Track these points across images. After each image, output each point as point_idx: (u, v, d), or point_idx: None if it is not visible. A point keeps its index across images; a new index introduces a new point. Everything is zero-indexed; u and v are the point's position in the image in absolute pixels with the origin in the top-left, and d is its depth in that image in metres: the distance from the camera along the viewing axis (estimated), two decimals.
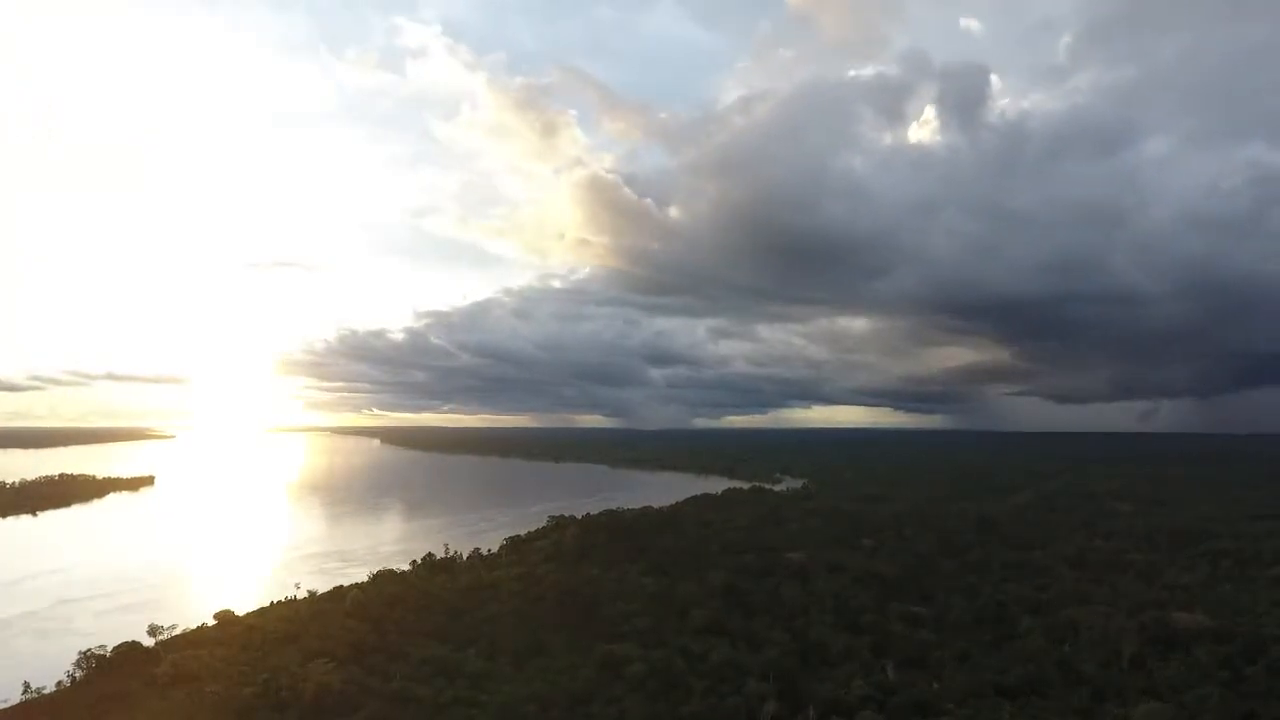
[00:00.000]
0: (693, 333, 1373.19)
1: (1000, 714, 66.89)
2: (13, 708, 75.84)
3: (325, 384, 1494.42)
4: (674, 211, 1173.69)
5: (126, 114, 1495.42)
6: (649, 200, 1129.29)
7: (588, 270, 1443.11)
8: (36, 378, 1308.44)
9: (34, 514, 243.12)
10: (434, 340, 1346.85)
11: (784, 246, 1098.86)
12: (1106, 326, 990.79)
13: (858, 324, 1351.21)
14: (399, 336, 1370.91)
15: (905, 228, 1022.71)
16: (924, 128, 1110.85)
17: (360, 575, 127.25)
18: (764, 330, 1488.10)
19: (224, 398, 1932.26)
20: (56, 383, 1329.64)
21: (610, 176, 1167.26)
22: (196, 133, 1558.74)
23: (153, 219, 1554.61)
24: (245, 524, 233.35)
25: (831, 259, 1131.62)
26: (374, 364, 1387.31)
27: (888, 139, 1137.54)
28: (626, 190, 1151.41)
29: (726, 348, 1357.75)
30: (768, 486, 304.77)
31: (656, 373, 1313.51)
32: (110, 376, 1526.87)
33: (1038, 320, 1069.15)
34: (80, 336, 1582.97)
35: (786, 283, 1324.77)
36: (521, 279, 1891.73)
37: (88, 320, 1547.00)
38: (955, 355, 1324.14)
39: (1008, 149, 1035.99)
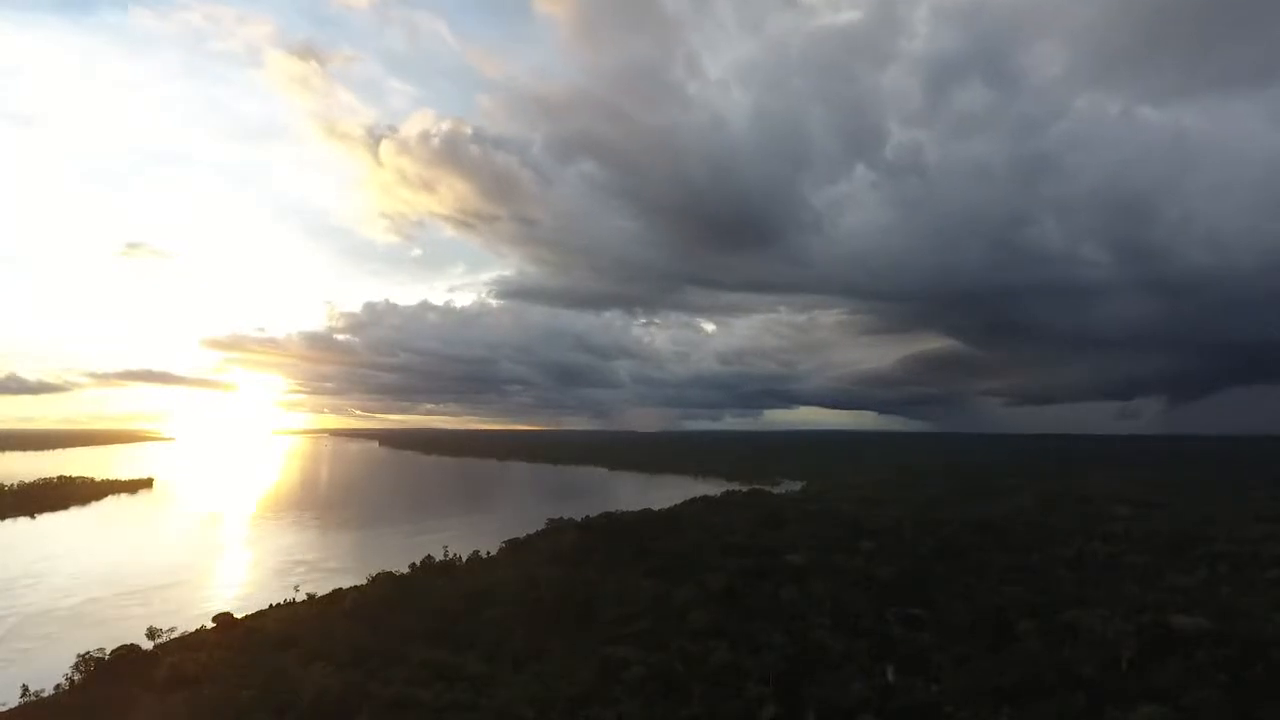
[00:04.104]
0: (629, 326, 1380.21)
1: (999, 717, 66.99)
2: (10, 711, 75.59)
3: (308, 384, 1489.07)
4: (543, 182, 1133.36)
5: None
6: (501, 155, 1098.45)
7: (517, 264, 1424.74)
8: (41, 378, 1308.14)
9: (32, 516, 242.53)
10: (368, 339, 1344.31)
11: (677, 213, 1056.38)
12: (1076, 323, 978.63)
13: (822, 318, 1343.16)
14: (349, 335, 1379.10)
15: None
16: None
17: (360, 578, 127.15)
18: (709, 325, 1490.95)
19: (220, 399, 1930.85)
20: (61, 384, 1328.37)
21: (469, 143, 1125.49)
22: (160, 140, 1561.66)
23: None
24: (244, 528, 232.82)
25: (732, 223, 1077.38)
26: (346, 366, 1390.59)
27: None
28: (489, 156, 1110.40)
29: (681, 344, 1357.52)
30: (766, 489, 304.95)
31: (625, 375, 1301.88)
32: (110, 377, 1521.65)
33: (999, 315, 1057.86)
34: (81, 337, 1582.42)
35: (707, 267, 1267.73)
36: (427, 272, 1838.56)
37: (88, 321, 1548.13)
38: (924, 353, 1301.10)
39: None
